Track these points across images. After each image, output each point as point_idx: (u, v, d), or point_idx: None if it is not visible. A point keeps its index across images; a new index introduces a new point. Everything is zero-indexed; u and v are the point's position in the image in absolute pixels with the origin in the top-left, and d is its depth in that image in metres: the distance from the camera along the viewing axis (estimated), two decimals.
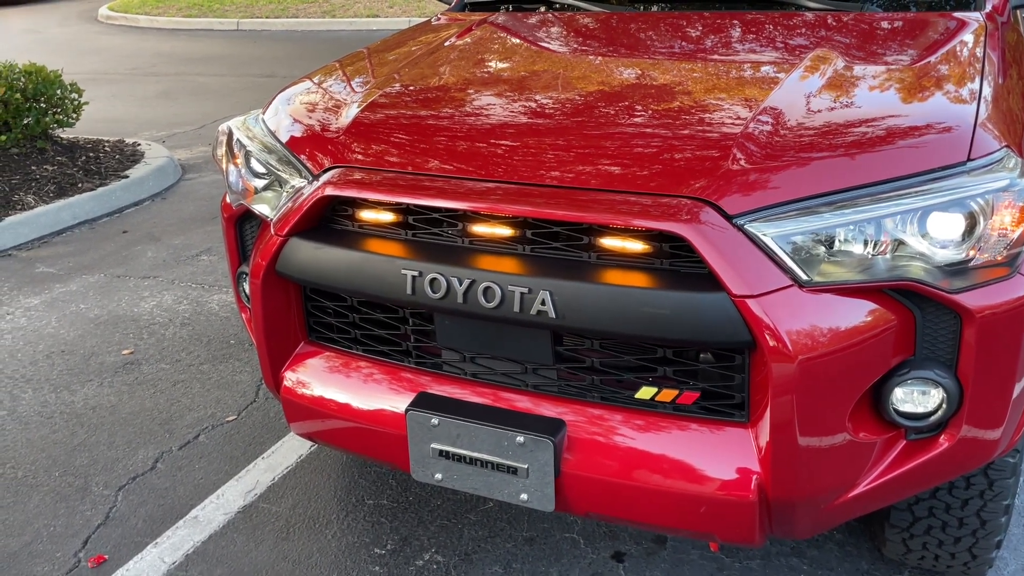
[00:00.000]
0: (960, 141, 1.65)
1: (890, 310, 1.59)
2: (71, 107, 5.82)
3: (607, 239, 1.69)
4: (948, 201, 1.56)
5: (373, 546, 2.38)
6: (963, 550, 2.00)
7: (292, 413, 2.08)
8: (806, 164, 1.64)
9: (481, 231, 1.78)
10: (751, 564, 2.26)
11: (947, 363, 1.62)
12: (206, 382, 3.26)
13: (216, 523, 2.50)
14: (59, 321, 3.83)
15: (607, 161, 1.74)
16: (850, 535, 2.34)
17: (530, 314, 1.67)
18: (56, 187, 5.27)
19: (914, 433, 1.67)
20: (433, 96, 2.14)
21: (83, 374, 3.36)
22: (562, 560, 2.31)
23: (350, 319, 2.01)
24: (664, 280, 1.61)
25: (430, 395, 1.88)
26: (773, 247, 1.56)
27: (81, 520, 2.54)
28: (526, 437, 1.73)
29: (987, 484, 1.88)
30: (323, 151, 1.98)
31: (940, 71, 2.00)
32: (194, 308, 3.89)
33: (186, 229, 4.94)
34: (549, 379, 1.82)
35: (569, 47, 2.51)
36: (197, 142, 6.79)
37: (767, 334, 1.53)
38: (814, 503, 1.68)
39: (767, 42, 2.34)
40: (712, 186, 1.62)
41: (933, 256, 1.57)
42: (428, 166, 1.84)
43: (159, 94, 8.83)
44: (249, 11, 14.11)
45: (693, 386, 1.71)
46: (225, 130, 2.25)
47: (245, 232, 2.27)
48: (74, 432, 2.97)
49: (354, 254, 1.84)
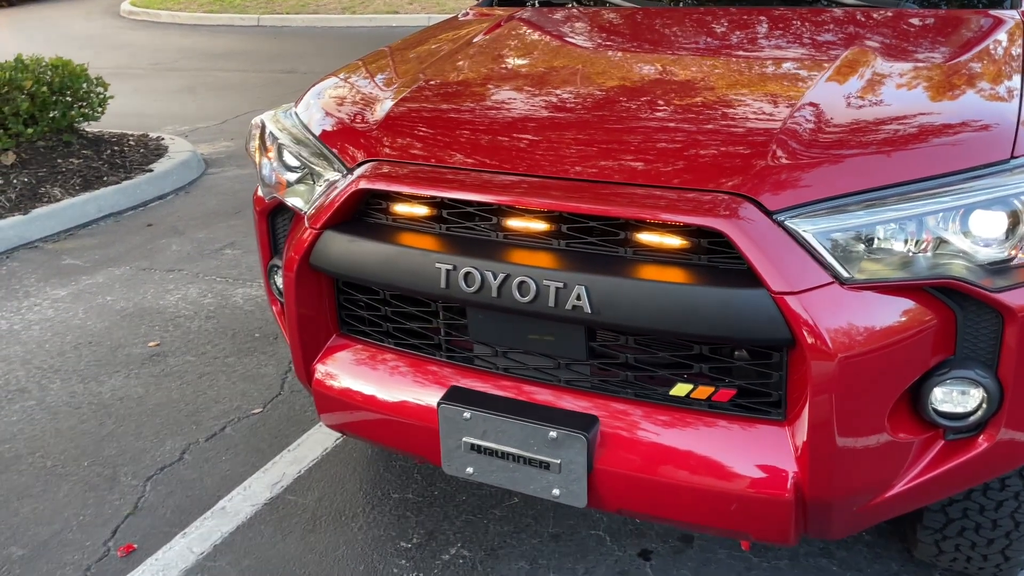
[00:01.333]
0: (1003, 139, 1.64)
1: (931, 309, 1.58)
2: (96, 101, 5.87)
3: (644, 234, 1.68)
4: (991, 199, 1.55)
5: (399, 540, 2.39)
6: (996, 552, 1.98)
7: (323, 405, 2.08)
8: (846, 161, 1.63)
9: (516, 225, 1.78)
10: (779, 564, 2.25)
11: (988, 363, 1.61)
12: (231, 375, 3.27)
13: (243, 514, 2.51)
14: (86, 312, 3.86)
15: (645, 156, 1.73)
16: (880, 536, 2.32)
17: (565, 309, 1.67)
18: (82, 180, 5.31)
19: (953, 433, 1.66)
20: (465, 91, 2.14)
21: (110, 365, 3.38)
22: (588, 557, 2.30)
23: (382, 312, 2.02)
24: (702, 276, 1.60)
25: (462, 389, 1.88)
26: (814, 243, 1.55)
27: (110, 509, 2.56)
28: (559, 432, 1.73)
29: (1022, 486, 1.86)
30: (357, 145, 1.98)
31: (978, 69, 1.97)
32: (219, 301, 3.91)
33: (210, 223, 4.97)
34: (582, 375, 1.81)
35: (600, 42, 2.50)
36: (219, 137, 6.83)
37: (807, 331, 1.52)
38: (850, 503, 1.67)
39: (801, 38, 2.32)
40: (751, 181, 1.61)
41: (975, 254, 1.55)
42: (461, 160, 1.84)
43: (181, 89, 8.88)
44: (269, 7, 14.16)
45: (729, 383, 1.70)
46: (258, 123, 2.26)
47: (277, 225, 2.28)
48: (102, 422, 3.00)
49: (388, 247, 1.84)
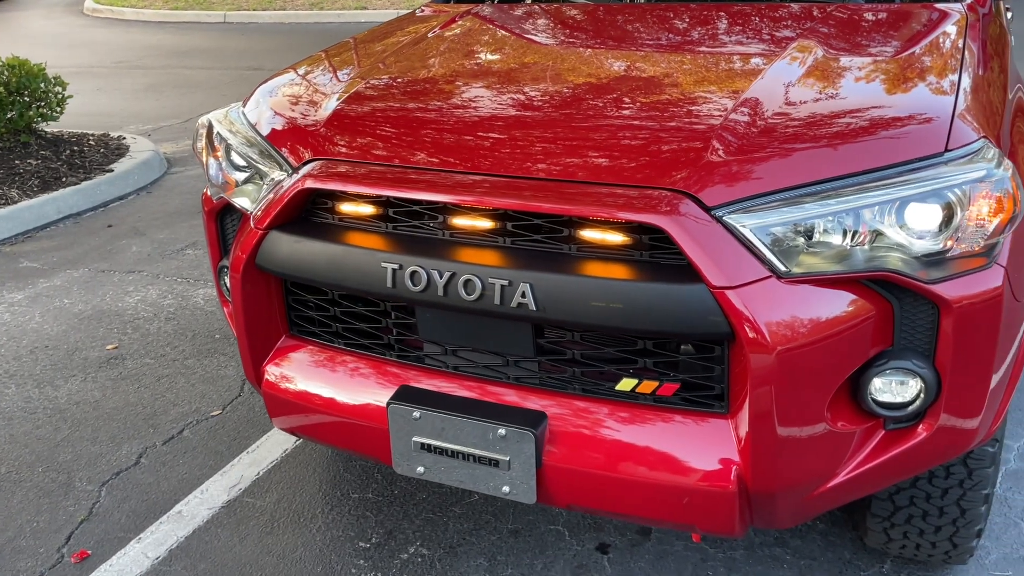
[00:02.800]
0: (938, 132, 1.66)
1: (868, 301, 1.60)
2: (55, 101, 5.78)
3: (588, 231, 1.68)
4: (926, 192, 1.57)
5: (358, 540, 2.38)
6: (944, 539, 2.01)
7: (274, 407, 2.07)
8: (784, 155, 1.64)
9: (461, 223, 1.78)
10: (735, 555, 2.27)
11: (925, 353, 1.63)
12: (191, 377, 3.24)
13: (200, 518, 2.49)
14: (43, 316, 3.81)
15: (587, 153, 1.73)
16: (833, 525, 2.35)
17: (511, 306, 1.67)
18: (40, 181, 5.23)
19: (892, 423, 1.68)
20: (414, 88, 2.13)
21: (67, 369, 3.34)
22: (547, 552, 2.31)
23: (332, 313, 2.01)
24: (644, 272, 1.61)
25: (412, 388, 1.88)
26: (752, 238, 1.56)
27: (64, 516, 2.53)
28: (507, 430, 1.73)
29: (966, 473, 1.89)
30: (303, 143, 1.97)
31: (920, 62, 2.00)
32: (179, 303, 3.87)
33: (171, 223, 4.92)
34: (531, 372, 1.82)
35: (553, 39, 2.50)
36: (183, 136, 6.75)
37: (746, 325, 1.53)
38: (794, 493, 1.69)
39: (752, 34, 2.33)
40: (691, 178, 1.62)
41: (911, 247, 1.57)
42: (407, 158, 1.84)
43: (145, 87, 8.77)
44: (236, 3, 14.02)
45: (673, 377, 1.71)
46: (205, 123, 2.24)
47: (226, 226, 2.26)
48: (57, 428, 2.96)
49: (334, 247, 1.83)
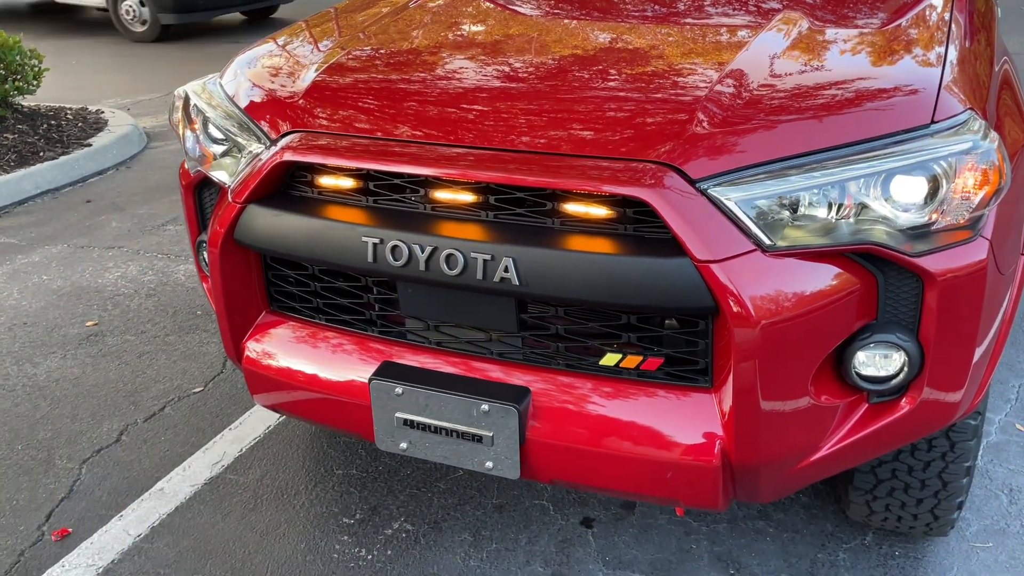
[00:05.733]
0: (924, 103, 1.64)
1: (853, 274, 1.59)
2: (31, 74, 5.66)
3: (571, 204, 1.66)
4: (911, 164, 1.55)
5: (342, 516, 2.37)
6: (925, 511, 2.02)
7: (255, 384, 2.05)
8: (769, 128, 1.62)
9: (443, 197, 1.75)
10: (718, 528, 2.28)
11: (909, 327, 1.63)
12: (172, 353, 3.21)
13: (182, 495, 2.47)
14: (21, 293, 3.76)
15: (571, 125, 1.70)
16: (816, 498, 2.36)
17: (493, 281, 1.65)
18: (17, 156, 5.14)
19: (876, 396, 1.68)
20: (395, 58, 2.09)
21: (46, 346, 3.30)
22: (531, 527, 2.31)
23: (312, 288, 1.98)
24: (628, 246, 1.59)
25: (394, 364, 1.86)
26: (736, 212, 1.54)
27: (44, 493, 2.50)
28: (491, 405, 1.72)
29: (949, 446, 1.90)
30: (281, 115, 1.93)
31: (907, 34, 1.98)
32: (160, 279, 3.83)
33: (151, 198, 4.85)
34: (514, 347, 1.80)
35: (537, 10, 2.46)
36: (163, 109, 6.64)
37: (730, 299, 1.52)
38: (777, 467, 1.69)
39: (737, 5, 2.30)
40: (676, 150, 1.59)
41: (896, 219, 1.56)
42: (388, 130, 1.80)
43: (124, 60, 8.61)
44: None
45: (657, 352, 1.70)
46: (181, 94, 2.19)
47: (204, 200, 2.22)
48: (37, 405, 2.92)
49: (313, 221, 1.80)
